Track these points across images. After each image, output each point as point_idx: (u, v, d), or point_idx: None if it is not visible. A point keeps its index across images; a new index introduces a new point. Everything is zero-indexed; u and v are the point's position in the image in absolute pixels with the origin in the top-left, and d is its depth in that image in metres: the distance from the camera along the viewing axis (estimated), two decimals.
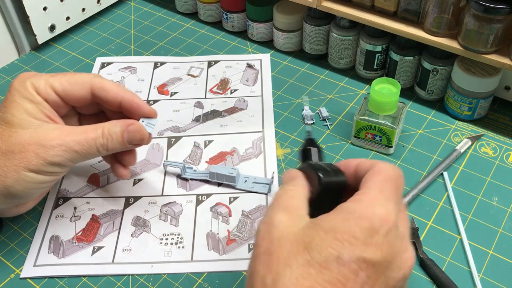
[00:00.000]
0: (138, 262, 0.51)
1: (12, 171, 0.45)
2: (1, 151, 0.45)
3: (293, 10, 0.73)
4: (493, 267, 0.50)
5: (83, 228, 0.54)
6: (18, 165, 0.45)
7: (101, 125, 0.48)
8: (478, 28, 0.56)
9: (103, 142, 0.47)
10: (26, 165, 0.45)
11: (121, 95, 0.49)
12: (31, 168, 0.45)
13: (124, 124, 0.48)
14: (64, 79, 0.49)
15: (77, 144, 0.46)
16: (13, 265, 0.52)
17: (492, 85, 0.61)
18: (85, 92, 0.49)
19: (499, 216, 0.54)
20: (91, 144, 0.47)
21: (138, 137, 0.49)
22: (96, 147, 0.47)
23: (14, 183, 0.45)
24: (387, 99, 0.57)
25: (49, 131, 0.46)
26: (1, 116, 0.46)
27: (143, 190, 0.57)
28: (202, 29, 0.82)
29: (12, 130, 0.45)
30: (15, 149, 0.45)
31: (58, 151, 0.45)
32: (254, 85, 0.70)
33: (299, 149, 0.53)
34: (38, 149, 0.45)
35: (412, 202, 0.56)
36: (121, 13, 0.86)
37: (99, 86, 0.49)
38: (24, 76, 0.48)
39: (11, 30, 0.75)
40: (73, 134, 0.46)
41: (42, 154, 0.45)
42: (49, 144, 0.45)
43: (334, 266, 0.32)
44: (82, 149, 0.47)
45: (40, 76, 0.48)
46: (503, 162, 0.60)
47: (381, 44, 0.67)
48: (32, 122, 0.46)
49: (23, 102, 0.46)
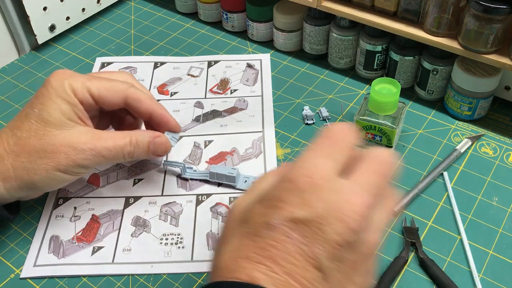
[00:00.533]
0: (138, 262, 0.51)
1: (42, 169, 0.47)
2: (35, 149, 0.47)
3: (293, 10, 0.73)
4: (493, 267, 0.50)
5: (83, 228, 0.54)
6: (48, 164, 0.47)
7: (129, 134, 0.51)
8: (478, 28, 0.56)
9: (130, 150, 0.50)
10: (56, 165, 0.47)
11: (153, 107, 0.52)
12: (60, 168, 0.48)
13: (151, 135, 0.52)
14: (101, 85, 0.50)
15: (106, 149, 0.49)
16: (13, 265, 0.52)
17: (492, 85, 0.61)
18: (119, 100, 0.51)
19: (499, 216, 0.54)
20: (119, 151, 0.50)
21: (162, 149, 0.53)
22: (123, 154, 0.50)
23: (42, 179, 0.48)
24: (387, 99, 0.57)
25: (82, 134, 0.49)
26: (38, 113, 0.48)
27: (143, 190, 0.57)
28: (202, 29, 0.82)
29: (46, 129, 0.47)
30: (48, 149, 0.47)
31: (88, 155, 0.48)
32: (254, 85, 0.70)
33: None
34: (70, 151, 0.48)
35: (412, 202, 0.56)
36: (121, 13, 0.86)
37: (134, 97, 0.51)
38: (62, 75, 0.49)
39: (11, 30, 0.75)
40: (103, 140, 0.49)
41: (72, 156, 0.48)
42: (81, 148, 0.48)
43: (264, 232, 0.31)
44: (109, 154, 0.49)
45: (77, 77, 0.50)
46: (503, 162, 0.60)
47: (381, 44, 0.67)
48: (66, 123, 0.48)
49: (59, 102, 0.48)
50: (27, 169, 0.47)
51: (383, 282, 0.48)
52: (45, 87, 0.49)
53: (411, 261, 0.51)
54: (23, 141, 0.47)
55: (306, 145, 0.62)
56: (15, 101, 0.70)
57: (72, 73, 0.51)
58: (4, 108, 0.69)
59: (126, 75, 0.55)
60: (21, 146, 0.47)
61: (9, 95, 0.71)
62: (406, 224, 0.53)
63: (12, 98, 0.71)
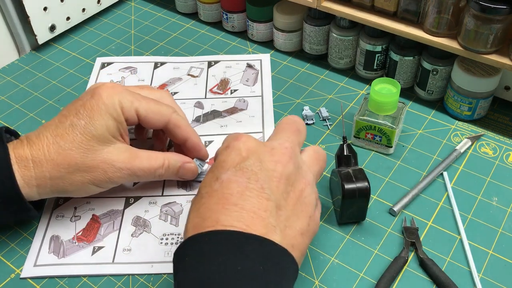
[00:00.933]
0: (138, 262, 0.51)
1: (78, 181, 0.49)
2: (75, 161, 0.48)
3: (293, 10, 0.73)
4: (493, 267, 0.50)
5: (83, 228, 0.54)
6: (85, 177, 0.49)
7: (163, 157, 0.53)
8: (478, 28, 0.56)
9: (161, 173, 0.53)
10: (92, 179, 0.49)
11: (189, 135, 0.55)
12: (95, 183, 0.50)
13: (183, 160, 0.54)
14: (148, 107, 0.52)
15: (141, 170, 0.51)
16: (13, 265, 0.52)
17: (492, 85, 0.61)
18: (162, 124, 0.53)
19: (499, 216, 0.54)
20: (152, 172, 0.52)
21: (190, 175, 0.55)
22: (154, 176, 0.53)
23: (76, 190, 0.50)
24: (387, 99, 0.57)
25: (121, 152, 0.51)
26: (85, 126, 0.49)
27: (143, 190, 0.57)
28: (202, 29, 0.82)
29: (90, 144, 0.49)
30: (88, 163, 0.49)
31: (124, 174, 0.50)
32: (254, 85, 0.70)
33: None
34: (108, 168, 0.50)
35: (412, 202, 0.56)
36: (121, 13, 0.86)
37: (175, 123, 0.54)
38: (113, 90, 0.51)
39: (11, 30, 0.75)
40: (139, 160, 0.51)
41: (110, 173, 0.50)
42: (118, 167, 0.50)
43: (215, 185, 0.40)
44: (143, 175, 0.52)
45: (127, 95, 0.51)
46: (503, 162, 0.60)
47: (381, 44, 0.67)
48: (109, 139, 0.50)
49: (107, 118, 0.49)
50: (64, 179, 0.48)
51: (383, 282, 0.48)
52: (95, 100, 0.50)
53: (411, 261, 0.51)
54: (66, 152, 0.48)
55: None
56: (15, 101, 0.70)
57: (122, 89, 0.52)
58: (4, 108, 0.69)
59: (167, 97, 0.57)
60: (62, 157, 0.48)
61: (9, 95, 0.71)
62: (406, 224, 0.53)
63: (12, 98, 0.71)
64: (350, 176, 0.51)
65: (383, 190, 0.57)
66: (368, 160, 0.60)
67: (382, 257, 0.51)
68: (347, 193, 0.50)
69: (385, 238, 0.53)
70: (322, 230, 0.54)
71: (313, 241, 0.52)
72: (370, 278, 0.49)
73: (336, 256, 0.51)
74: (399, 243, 0.52)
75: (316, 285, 0.49)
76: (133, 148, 0.52)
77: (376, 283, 0.48)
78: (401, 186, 0.57)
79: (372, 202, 0.56)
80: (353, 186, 0.50)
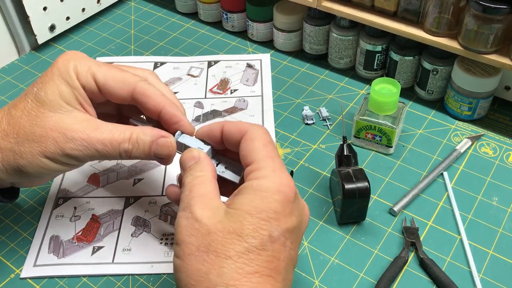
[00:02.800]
0: (138, 262, 0.51)
1: (28, 153, 0.43)
2: (24, 130, 0.43)
3: (293, 10, 0.73)
4: (493, 267, 0.50)
5: (83, 228, 0.54)
6: (35, 148, 0.43)
7: (131, 129, 0.45)
8: (478, 28, 0.56)
9: (128, 148, 0.44)
10: (43, 150, 0.43)
11: (162, 105, 0.45)
12: (47, 155, 0.43)
13: (155, 134, 0.45)
14: (109, 73, 0.45)
15: (100, 143, 0.43)
16: (13, 265, 0.52)
17: (492, 85, 0.61)
18: (126, 93, 0.45)
19: (499, 216, 0.54)
20: (115, 147, 0.44)
21: (165, 152, 0.45)
22: (119, 152, 0.44)
23: (27, 164, 0.43)
24: (387, 99, 0.57)
25: (76, 120, 0.44)
26: (36, 92, 0.44)
27: (143, 190, 0.57)
28: (202, 29, 0.82)
29: (40, 110, 0.43)
30: (37, 131, 0.43)
31: (79, 145, 0.43)
32: (254, 85, 0.70)
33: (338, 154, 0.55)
34: (59, 138, 0.43)
35: (412, 202, 0.56)
36: (121, 13, 0.86)
37: (141, 92, 0.45)
38: (70, 56, 0.45)
39: (11, 30, 0.75)
40: (99, 131, 0.44)
41: (61, 143, 0.43)
42: (71, 136, 0.43)
43: (268, 245, 0.36)
44: (104, 149, 0.44)
45: (86, 60, 0.45)
46: (503, 162, 0.60)
47: (381, 44, 0.67)
48: (63, 106, 0.44)
49: (60, 83, 0.44)
50: (14, 151, 0.43)
51: (383, 282, 0.48)
52: (51, 66, 0.45)
53: (411, 261, 0.51)
54: (15, 120, 0.43)
55: (306, 145, 0.62)
56: None
57: (82, 55, 0.46)
58: None
59: (147, 72, 0.49)
60: (11, 126, 0.43)
61: (9, 95, 0.71)
62: (406, 224, 0.53)
63: (12, 98, 0.70)
64: (350, 176, 0.51)
65: (383, 190, 0.57)
66: (368, 160, 0.60)
67: (382, 257, 0.51)
68: (347, 193, 0.50)
69: (385, 238, 0.53)
70: (322, 230, 0.54)
71: (313, 241, 0.52)
72: (370, 278, 0.49)
73: (336, 256, 0.51)
74: (399, 243, 0.52)
75: (316, 285, 0.49)
76: (95, 119, 0.45)
77: (376, 283, 0.48)
78: (401, 186, 0.57)
79: (372, 202, 0.56)
80: (353, 186, 0.50)
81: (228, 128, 0.43)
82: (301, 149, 0.62)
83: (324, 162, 0.60)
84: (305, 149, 0.62)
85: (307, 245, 0.52)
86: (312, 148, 0.62)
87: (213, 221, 0.37)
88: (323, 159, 0.60)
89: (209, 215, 0.37)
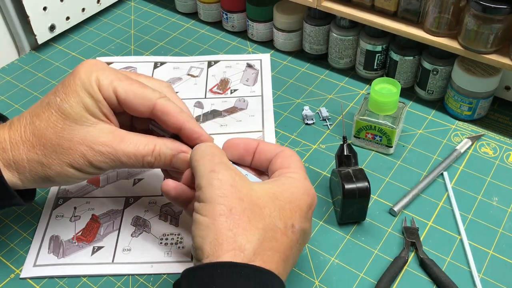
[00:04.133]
0: (138, 262, 0.51)
1: (56, 164, 0.44)
2: (50, 142, 0.44)
3: (293, 10, 0.73)
4: (493, 267, 0.50)
5: (83, 228, 0.54)
6: (63, 160, 0.44)
7: (154, 142, 0.46)
8: (478, 28, 0.56)
9: (150, 161, 0.46)
10: (70, 162, 0.44)
11: (182, 122, 0.46)
12: (74, 166, 0.45)
13: (176, 149, 0.47)
14: (130, 88, 0.46)
15: (125, 156, 0.45)
16: (13, 265, 0.52)
17: (492, 85, 0.61)
18: (146, 109, 0.46)
19: (499, 216, 0.54)
20: (139, 159, 0.46)
21: (184, 166, 0.47)
22: (142, 163, 0.46)
23: (55, 175, 0.45)
24: (387, 99, 0.57)
25: (102, 133, 0.45)
26: (60, 104, 0.44)
27: (143, 190, 0.57)
28: (202, 29, 0.82)
29: (66, 123, 0.44)
30: (65, 144, 0.44)
31: (105, 158, 0.45)
32: (254, 85, 0.70)
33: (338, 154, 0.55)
34: (87, 151, 0.44)
35: (412, 202, 0.56)
36: (121, 13, 0.86)
37: (161, 109, 0.46)
38: (93, 67, 0.46)
39: (11, 30, 0.75)
40: (124, 144, 0.45)
41: (89, 156, 0.44)
42: (98, 149, 0.44)
43: (290, 233, 0.40)
44: (128, 161, 0.46)
45: (108, 73, 0.46)
46: (503, 162, 0.60)
47: (381, 44, 0.67)
48: (88, 119, 0.45)
49: (83, 95, 0.44)
50: (42, 163, 0.44)
51: (383, 282, 0.48)
52: (72, 75, 0.45)
53: (411, 261, 0.51)
54: (40, 132, 0.44)
55: (306, 145, 0.62)
56: (15, 101, 0.70)
57: (104, 66, 0.46)
58: (4, 108, 0.69)
59: (164, 85, 0.50)
60: (37, 138, 0.44)
61: (9, 95, 0.71)
62: (406, 224, 0.53)
63: (12, 98, 0.71)
64: (350, 176, 0.51)
65: (383, 190, 0.57)
66: (368, 160, 0.60)
67: (382, 257, 0.51)
68: (347, 193, 0.50)
69: (385, 238, 0.53)
70: (322, 230, 0.54)
71: (313, 241, 0.52)
72: (370, 278, 0.49)
73: (336, 256, 0.51)
74: (399, 243, 0.52)
75: (316, 285, 0.49)
76: (120, 130, 0.46)
77: (376, 283, 0.48)
78: (401, 186, 0.57)
79: (372, 202, 0.56)
80: (353, 186, 0.50)
81: (264, 146, 0.46)
82: (301, 149, 0.62)
83: (324, 162, 0.60)
84: (305, 149, 0.62)
85: (307, 245, 0.52)
86: (312, 148, 0.62)
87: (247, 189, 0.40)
88: (323, 159, 0.60)
89: (241, 183, 0.40)
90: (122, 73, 0.47)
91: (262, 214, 0.39)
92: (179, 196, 0.46)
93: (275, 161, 0.44)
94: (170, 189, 0.46)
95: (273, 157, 0.45)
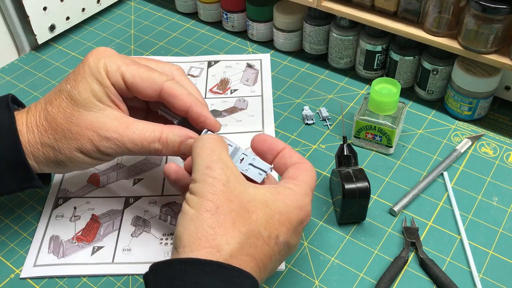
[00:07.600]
0: (138, 262, 0.51)
1: (65, 148, 0.46)
2: (61, 127, 0.46)
3: (293, 10, 0.73)
4: (493, 267, 0.50)
5: (83, 228, 0.54)
6: (71, 145, 0.46)
7: (160, 129, 0.47)
8: (478, 28, 0.56)
9: (158, 148, 0.47)
10: (79, 147, 0.46)
11: (189, 104, 0.47)
12: (82, 151, 0.46)
13: (184, 135, 0.47)
14: (137, 72, 0.47)
15: (132, 142, 0.46)
16: (13, 265, 0.52)
17: (492, 85, 0.61)
18: (153, 92, 0.47)
19: (499, 216, 0.54)
20: (145, 146, 0.46)
21: None
22: (149, 151, 0.47)
23: (66, 159, 0.47)
24: (387, 99, 0.57)
25: (109, 119, 0.46)
26: (69, 90, 0.46)
27: (143, 190, 0.57)
28: (202, 29, 0.82)
29: (75, 109, 0.46)
30: (73, 129, 0.46)
31: (112, 144, 0.46)
32: (254, 85, 0.70)
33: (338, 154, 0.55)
34: (94, 136, 0.46)
35: (412, 202, 0.56)
36: (121, 13, 0.86)
37: (169, 92, 0.47)
38: (101, 54, 0.47)
39: (11, 30, 0.75)
40: (130, 130, 0.46)
41: (95, 142, 0.46)
42: (105, 135, 0.46)
43: (272, 243, 0.39)
44: (135, 148, 0.46)
45: (115, 59, 0.47)
46: (503, 162, 0.60)
47: (381, 44, 0.67)
48: (96, 105, 0.46)
49: (92, 81, 0.46)
50: (53, 148, 0.46)
51: (383, 282, 0.48)
52: (82, 63, 0.47)
53: (411, 261, 0.51)
54: (52, 117, 0.46)
55: (306, 145, 0.62)
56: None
57: (112, 53, 0.48)
58: None
59: (174, 68, 0.51)
60: (49, 123, 0.46)
61: None
62: (406, 224, 0.53)
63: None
64: (350, 176, 0.51)
65: (383, 190, 0.57)
66: (368, 160, 0.60)
67: (382, 257, 0.51)
68: (347, 193, 0.50)
69: (385, 238, 0.53)
70: (322, 230, 0.54)
71: (313, 241, 0.52)
72: (370, 278, 0.49)
73: (336, 256, 0.51)
74: (399, 243, 0.52)
75: (316, 285, 0.49)
76: (127, 117, 0.47)
77: (376, 283, 0.48)
78: (401, 186, 0.57)
79: (372, 202, 0.56)
80: (353, 186, 0.50)
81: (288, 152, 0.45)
82: (301, 149, 0.62)
83: (324, 162, 0.60)
84: (305, 149, 0.62)
85: (307, 245, 0.52)
86: (312, 148, 0.62)
87: (240, 191, 0.39)
88: (323, 159, 0.61)
89: (234, 184, 0.40)
90: (130, 58, 0.48)
91: (248, 219, 0.39)
92: (178, 180, 0.47)
93: (290, 169, 0.44)
94: (172, 172, 0.47)
95: (291, 166, 0.44)
